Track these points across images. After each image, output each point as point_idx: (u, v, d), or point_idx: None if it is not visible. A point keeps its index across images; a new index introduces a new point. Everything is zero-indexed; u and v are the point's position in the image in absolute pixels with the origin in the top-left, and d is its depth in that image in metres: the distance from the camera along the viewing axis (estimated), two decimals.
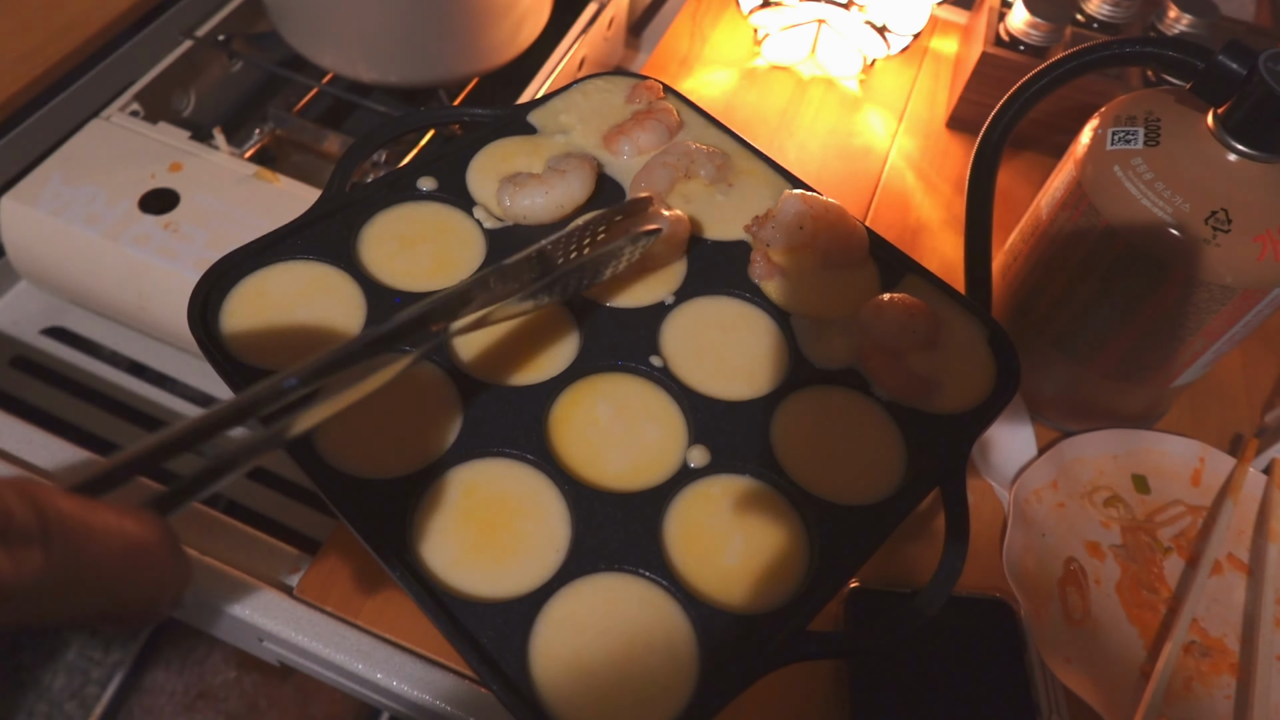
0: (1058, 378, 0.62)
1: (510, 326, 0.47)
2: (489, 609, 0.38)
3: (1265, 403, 0.70)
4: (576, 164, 0.52)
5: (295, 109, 0.87)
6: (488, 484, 0.42)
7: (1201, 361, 0.58)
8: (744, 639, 0.38)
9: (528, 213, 0.51)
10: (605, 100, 0.58)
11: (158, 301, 0.69)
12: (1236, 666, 0.56)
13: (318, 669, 0.57)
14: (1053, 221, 0.58)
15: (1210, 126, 0.50)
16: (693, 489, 0.43)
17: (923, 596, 0.40)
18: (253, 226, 0.68)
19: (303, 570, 0.55)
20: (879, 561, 0.57)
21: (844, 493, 0.43)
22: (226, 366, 0.43)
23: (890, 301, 0.49)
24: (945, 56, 0.96)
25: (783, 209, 0.49)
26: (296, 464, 0.41)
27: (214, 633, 0.57)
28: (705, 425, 0.45)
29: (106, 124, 0.76)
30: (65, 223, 0.68)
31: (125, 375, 0.77)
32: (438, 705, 0.51)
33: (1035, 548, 0.58)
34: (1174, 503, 0.63)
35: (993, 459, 0.63)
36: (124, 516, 0.26)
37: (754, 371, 0.47)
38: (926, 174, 0.84)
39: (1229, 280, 0.50)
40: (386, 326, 0.38)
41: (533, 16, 0.84)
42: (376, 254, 0.50)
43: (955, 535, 0.42)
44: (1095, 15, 0.82)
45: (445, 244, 0.51)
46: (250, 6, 0.88)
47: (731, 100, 0.89)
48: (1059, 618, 0.56)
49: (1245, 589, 0.59)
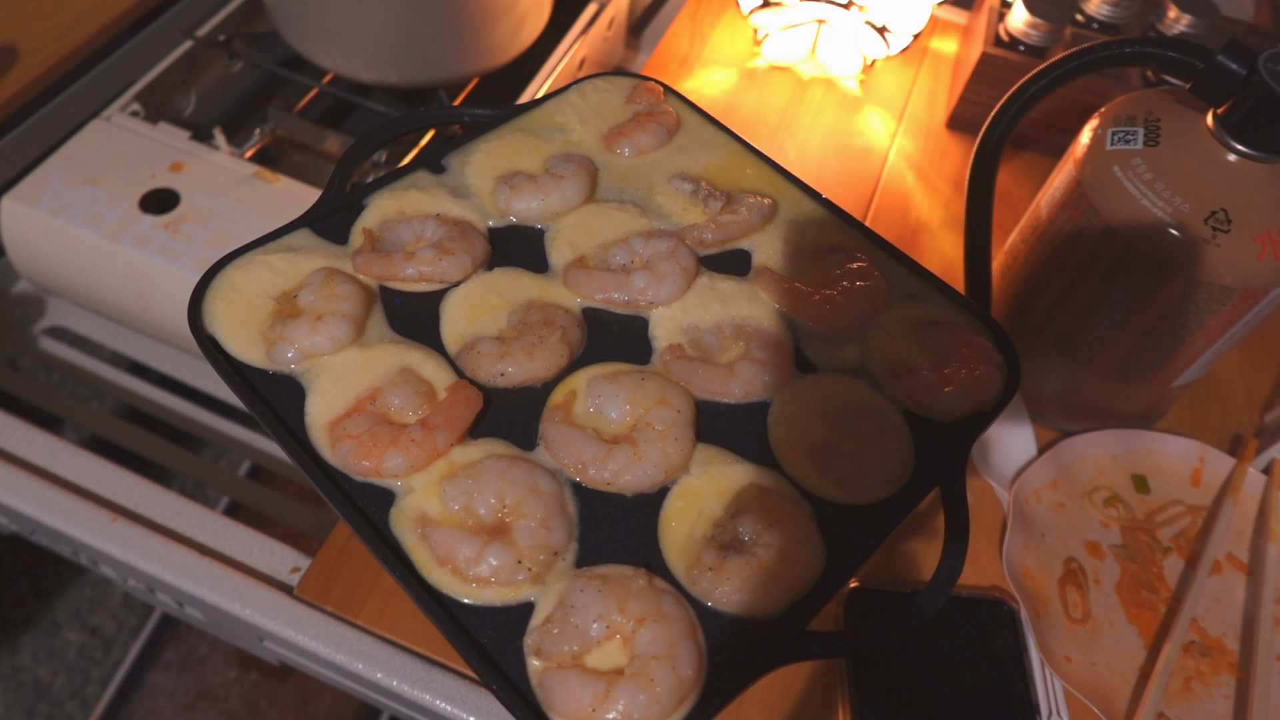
0: (1058, 378, 0.62)
1: (510, 329, 0.47)
2: (489, 610, 0.38)
3: (1265, 403, 0.70)
4: (574, 169, 0.52)
5: (295, 109, 0.87)
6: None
7: (1201, 361, 0.58)
8: (744, 639, 0.38)
9: (523, 216, 0.51)
10: (605, 101, 0.58)
11: (158, 301, 0.69)
12: (1236, 666, 0.56)
13: (318, 669, 0.57)
14: (1053, 221, 0.58)
15: (1210, 126, 0.50)
16: (693, 489, 0.43)
17: (923, 596, 0.40)
18: (253, 226, 0.68)
19: (303, 570, 0.55)
20: (879, 561, 0.57)
21: (844, 492, 0.43)
22: (226, 366, 0.43)
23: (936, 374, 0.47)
24: (945, 57, 0.96)
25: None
26: (296, 464, 0.41)
27: (214, 632, 0.57)
28: (705, 425, 0.45)
29: (107, 124, 0.76)
30: (65, 223, 0.68)
31: (125, 375, 0.77)
32: (438, 705, 0.51)
33: (1035, 548, 0.59)
34: (1174, 503, 0.63)
35: (993, 459, 0.63)
36: None
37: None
38: (926, 174, 0.84)
39: (1229, 280, 0.50)
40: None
41: (533, 17, 0.85)
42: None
43: (955, 535, 0.42)
44: (1095, 15, 0.82)
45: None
46: (250, 6, 0.88)
47: (731, 100, 0.89)
48: (1059, 618, 0.56)
49: (1245, 589, 0.59)
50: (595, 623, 0.37)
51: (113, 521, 0.57)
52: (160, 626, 1.29)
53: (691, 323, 0.48)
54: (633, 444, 0.42)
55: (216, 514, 0.58)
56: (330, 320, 0.44)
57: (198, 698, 1.24)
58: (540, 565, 0.39)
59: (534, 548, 0.39)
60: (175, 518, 0.58)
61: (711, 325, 0.48)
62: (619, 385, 0.44)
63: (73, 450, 0.60)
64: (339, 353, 0.44)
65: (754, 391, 0.46)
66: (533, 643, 0.37)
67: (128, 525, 0.56)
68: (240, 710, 1.23)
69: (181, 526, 0.58)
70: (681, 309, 0.48)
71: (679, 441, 0.43)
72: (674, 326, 0.48)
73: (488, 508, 0.40)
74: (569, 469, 0.42)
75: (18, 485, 0.58)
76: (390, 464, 0.40)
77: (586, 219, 0.51)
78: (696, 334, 0.48)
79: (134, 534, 0.56)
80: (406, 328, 0.46)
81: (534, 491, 0.40)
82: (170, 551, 0.56)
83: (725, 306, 0.49)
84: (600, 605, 0.37)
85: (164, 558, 0.55)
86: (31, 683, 1.26)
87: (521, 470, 0.41)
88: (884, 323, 0.49)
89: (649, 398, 0.44)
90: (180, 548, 0.56)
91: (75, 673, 1.27)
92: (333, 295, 0.45)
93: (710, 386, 0.45)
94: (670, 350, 0.47)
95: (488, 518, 0.40)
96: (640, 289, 0.48)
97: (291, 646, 0.54)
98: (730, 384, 0.45)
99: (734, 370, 0.46)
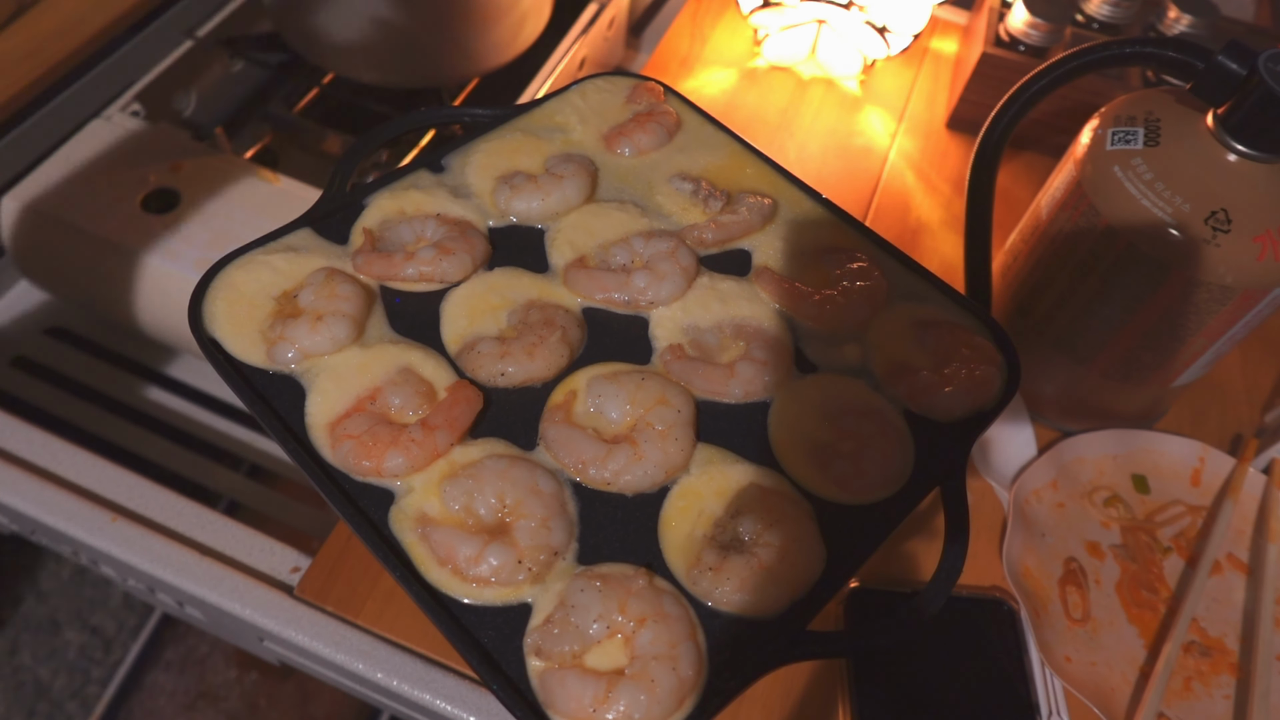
0: (1058, 378, 0.62)
1: (510, 331, 0.47)
2: (489, 609, 0.38)
3: (1265, 403, 0.70)
4: (574, 169, 0.52)
5: (295, 109, 0.87)
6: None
7: (1201, 361, 0.58)
8: (744, 639, 0.38)
9: (523, 216, 0.51)
10: (605, 101, 0.58)
11: (158, 301, 0.69)
12: (1236, 666, 0.56)
13: (318, 668, 0.57)
14: (1053, 221, 0.58)
15: (1210, 126, 0.50)
16: (693, 489, 0.43)
17: (923, 596, 0.40)
18: (253, 226, 0.68)
19: (303, 570, 0.55)
20: (879, 561, 0.57)
21: (844, 492, 0.43)
22: (227, 366, 0.43)
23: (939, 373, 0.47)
24: (945, 57, 0.96)
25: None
26: (297, 464, 0.41)
27: (214, 632, 0.57)
28: (705, 425, 0.45)
29: (107, 124, 0.76)
30: (66, 223, 0.68)
31: (125, 375, 0.77)
32: (438, 705, 0.51)
33: (1035, 548, 0.59)
34: (1174, 503, 0.63)
35: (993, 459, 0.63)
36: None
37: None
38: (926, 174, 0.84)
39: (1229, 280, 0.50)
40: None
41: (533, 17, 0.85)
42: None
43: (955, 535, 0.42)
44: (1095, 15, 0.82)
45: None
46: (250, 6, 0.88)
47: (732, 100, 0.89)
48: (1059, 618, 0.56)
49: (1245, 589, 0.59)
50: (595, 622, 0.37)
51: (113, 521, 0.57)
52: (160, 626, 1.29)
53: (692, 323, 0.48)
54: (633, 444, 0.42)
55: (216, 514, 0.58)
56: (330, 320, 0.44)
57: (198, 697, 1.24)
58: (540, 565, 0.39)
59: (534, 548, 0.39)
60: (175, 518, 0.58)
61: (712, 325, 0.48)
62: (619, 385, 0.44)
63: (73, 450, 0.60)
64: (339, 353, 0.44)
65: (754, 391, 0.46)
66: (533, 642, 0.37)
67: (128, 525, 0.56)
68: (240, 710, 1.23)
69: (181, 526, 0.58)
70: (682, 309, 0.48)
71: (679, 441, 0.43)
72: (674, 326, 0.48)
73: (488, 508, 0.40)
74: (569, 469, 0.42)
75: (18, 485, 0.58)
76: (390, 464, 0.40)
77: (587, 219, 0.51)
78: (697, 334, 0.48)
79: (134, 534, 0.56)
80: (407, 328, 0.46)
81: (534, 491, 0.40)
82: (170, 551, 0.56)
83: (725, 306, 0.49)
84: (600, 605, 0.37)
85: (164, 558, 0.55)
86: (32, 682, 1.26)
87: (522, 470, 0.41)
88: (884, 323, 0.49)
89: (649, 398, 0.44)
90: (180, 548, 0.56)
91: (75, 673, 1.27)
92: (333, 295, 0.45)
93: (710, 386, 0.45)
94: (670, 350, 0.47)
95: (488, 518, 0.40)
96: (640, 289, 0.48)
97: (291, 646, 0.54)
98: (730, 384, 0.45)
99: (734, 370, 0.46)
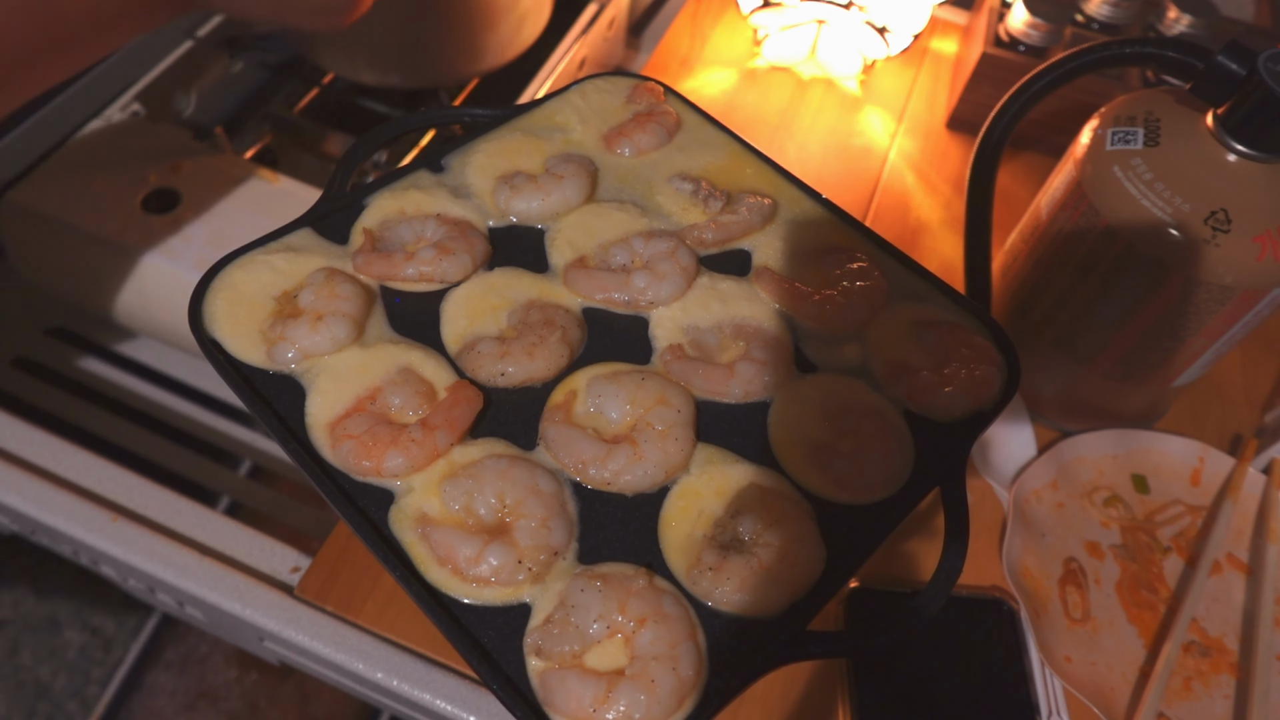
0: (1058, 378, 0.62)
1: (510, 332, 0.47)
2: (489, 609, 0.38)
3: (1265, 403, 0.70)
4: (574, 169, 0.52)
5: (296, 109, 0.87)
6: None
7: (1201, 361, 0.58)
8: (744, 639, 0.38)
9: (523, 216, 0.51)
10: (605, 101, 0.58)
11: (158, 301, 0.69)
12: (1236, 666, 0.56)
13: (318, 668, 0.57)
14: (1053, 221, 0.58)
15: (1210, 126, 0.50)
16: (693, 488, 0.43)
17: (923, 596, 0.40)
18: (254, 226, 0.68)
19: (303, 570, 0.55)
20: (879, 561, 0.57)
21: (844, 492, 0.43)
22: (227, 366, 0.43)
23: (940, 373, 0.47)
24: (945, 57, 0.96)
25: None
26: (297, 464, 0.41)
27: (214, 632, 0.57)
28: (705, 425, 0.45)
29: (107, 124, 0.76)
30: (66, 223, 0.68)
31: (125, 375, 0.77)
32: (438, 705, 0.52)
33: (1035, 548, 0.59)
34: (1174, 503, 0.63)
35: (993, 459, 0.63)
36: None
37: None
38: (926, 174, 0.84)
39: (1229, 280, 0.50)
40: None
41: (533, 17, 0.85)
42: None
43: (955, 535, 0.42)
44: (1095, 15, 0.82)
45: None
46: None
47: (731, 100, 0.89)
48: (1059, 618, 0.56)
49: (1245, 589, 0.59)
50: (596, 622, 0.37)
51: (113, 521, 0.57)
52: (160, 626, 1.29)
53: (691, 323, 0.48)
54: (633, 444, 0.42)
55: (217, 514, 0.58)
56: (330, 320, 0.44)
57: (198, 698, 1.24)
58: (540, 565, 0.39)
59: (534, 547, 0.39)
60: (175, 518, 0.58)
61: (711, 325, 0.48)
62: (619, 385, 0.44)
63: (73, 450, 0.60)
64: (339, 353, 0.44)
65: (754, 391, 0.46)
66: (533, 642, 0.37)
67: (128, 525, 0.56)
68: (240, 710, 1.23)
69: (181, 526, 0.58)
70: (682, 309, 0.48)
71: (679, 441, 0.43)
72: (674, 326, 0.48)
73: (488, 507, 0.40)
74: (569, 469, 0.42)
75: (18, 485, 0.58)
76: (390, 464, 0.40)
77: (587, 219, 0.51)
78: (696, 334, 0.48)
79: (134, 534, 0.56)
80: (407, 328, 0.46)
81: (534, 491, 0.40)
82: (170, 551, 0.56)
83: (725, 306, 0.49)
84: (601, 605, 0.37)
85: (164, 558, 0.55)
86: (32, 683, 1.26)
87: (522, 470, 0.41)
88: (884, 322, 0.49)
89: (649, 397, 0.44)
90: (180, 548, 0.56)
91: (75, 673, 1.27)
92: (333, 295, 0.45)
93: (710, 386, 0.45)
94: (670, 350, 0.47)
95: (488, 518, 0.40)
96: (640, 289, 0.48)
97: (291, 646, 0.54)
98: (730, 384, 0.45)
99: (734, 370, 0.46)
